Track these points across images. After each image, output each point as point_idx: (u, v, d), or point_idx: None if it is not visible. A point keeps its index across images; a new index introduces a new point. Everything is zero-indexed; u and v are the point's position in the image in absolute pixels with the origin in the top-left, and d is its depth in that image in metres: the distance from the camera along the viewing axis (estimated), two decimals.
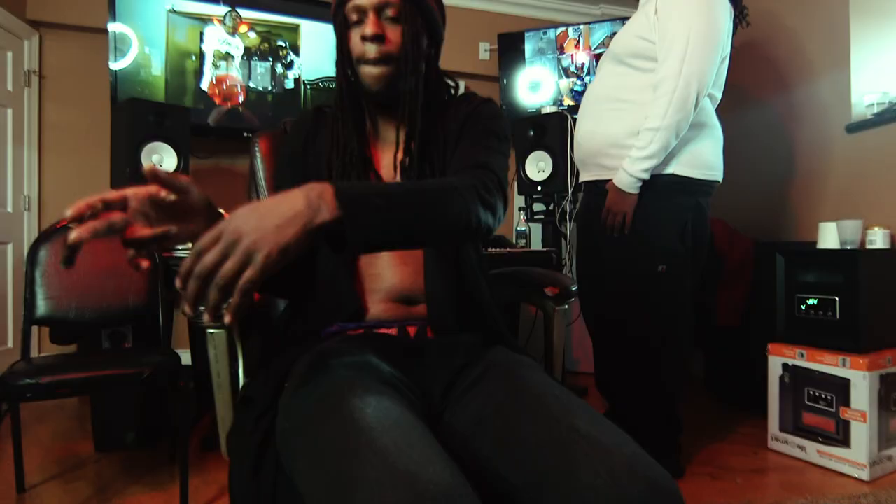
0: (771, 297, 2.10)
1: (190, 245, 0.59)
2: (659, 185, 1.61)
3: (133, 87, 2.80)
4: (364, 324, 0.83)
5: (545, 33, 3.34)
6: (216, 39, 2.98)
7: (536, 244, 3.16)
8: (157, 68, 2.88)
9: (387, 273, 0.85)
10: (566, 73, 3.29)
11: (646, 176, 1.58)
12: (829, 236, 2.02)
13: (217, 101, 2.98)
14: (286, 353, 0.80)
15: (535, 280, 1.14)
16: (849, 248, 1.94)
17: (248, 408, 0.74)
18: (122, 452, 1.96)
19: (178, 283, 0.53)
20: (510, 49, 3.40)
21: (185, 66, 2.93)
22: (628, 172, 1.59)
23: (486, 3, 3.60)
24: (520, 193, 2.85)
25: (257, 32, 3.07)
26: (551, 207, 2.78)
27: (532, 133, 2.71)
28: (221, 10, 2.96)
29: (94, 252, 1.79)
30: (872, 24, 2.22)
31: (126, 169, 2.26)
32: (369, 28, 0.82)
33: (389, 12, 0.84)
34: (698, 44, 1.51)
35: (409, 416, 0.58)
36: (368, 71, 0.84)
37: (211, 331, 0.94)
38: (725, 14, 1.60)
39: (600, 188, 1.72)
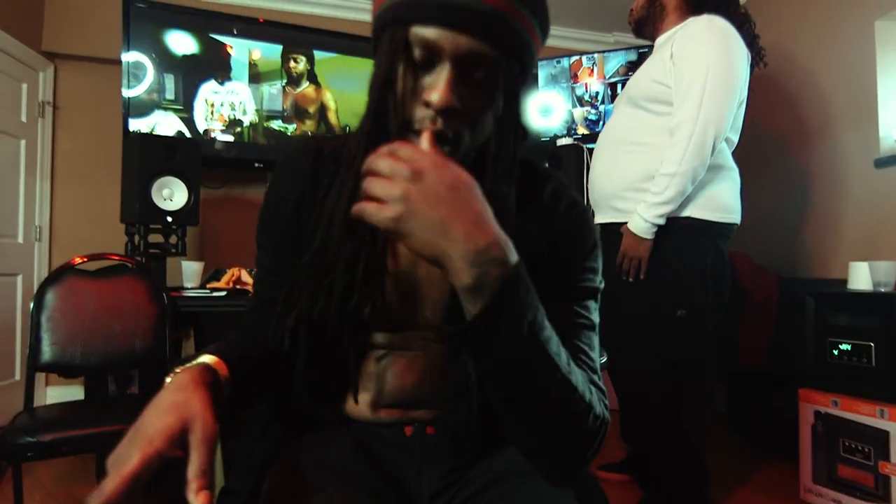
0: (799, 338, 2.01)
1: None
2: (676, 229, 1.57)
3: (145, 114, 2.81)
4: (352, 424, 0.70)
5: (559, 62, 3.31)
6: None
7: None
8: (171, 91, 2.89)
9: (388, 375, 0.67)
10: (580, 101, 3.26)
11: (661, 222, 1.55)
12: (861, 276, 1.94)
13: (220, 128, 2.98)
14: (266, 445, 0.70)
15: None
16: (882, 290, 1.85)
17: (229, 499, 0.67)
18: None
19: None
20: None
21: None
22: (644, 218, 1.56)
23: None
24: None
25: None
26: None
27: (547, 164, 2.66)
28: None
29: (99, 294, 1.75)
30: None
31: (136, 205, 2.23)
32: (439, 93, 0.54)
33: (476, 72, 0.56)
34: (716, 89, 1.49)
35: None
36: (427, 122, 0.56)
37: None
38: (742, 58, 1.58)
39: (615, 231, 1.68)
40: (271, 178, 0.76)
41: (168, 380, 0.52)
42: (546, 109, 3.35)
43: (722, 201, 1.62)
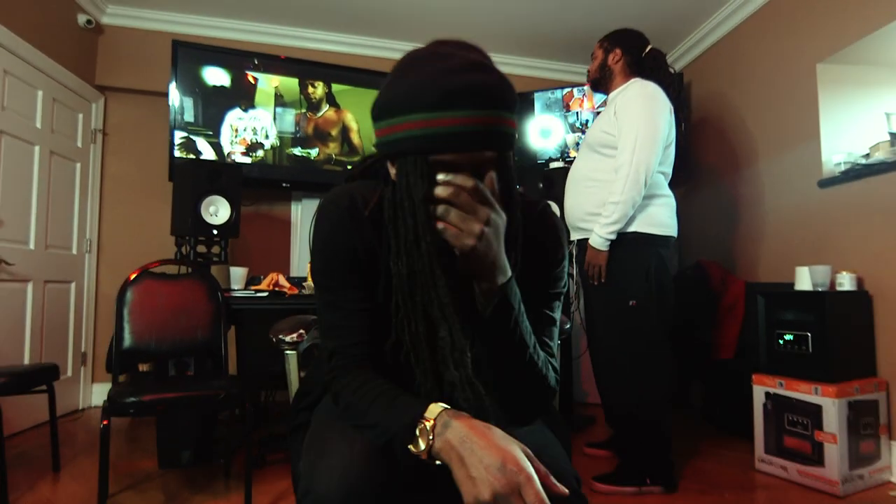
0: (755, 332, 2.36)
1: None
2: (625, 241, 2.00)
3: (190, 147, 3.20)
4: None
5: (553, 93, 3.71)
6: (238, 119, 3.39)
7: None
8: (202, 118, 3.28)
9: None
10: (572, 128, 3.65)
11: (613, 237, 1.98)
12: (804, 279, 2.29)
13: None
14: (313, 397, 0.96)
15: None
16: (820, 289, 2.21)
17: (297, 413, 0.98)
18: (180, 470, 2.24)
19: None
20: (521, 107, 3.77)
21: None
22: (599, 235, 2.00)
23: (500, 65, 3.97)
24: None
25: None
26: None
27: (542, 185, 3.04)
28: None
29: (169, 294, 2.12)
30: (838, 95, 2.55)
31: (188, 220, 2.60)
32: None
33: (481, 169, 0.72)
34: (644, 140, 1.94)
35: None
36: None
37: (287, 352, 1.27)
38: (665, 115, 2.02)
39: (583, 245, 2.11)
40: (323, 226, 0.85)
41: (460, 424, 0.68)
42: (545, 132, 3.74)
43: (659, 219, 2.04)
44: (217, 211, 2.70)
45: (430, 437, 0.68)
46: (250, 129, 3.40)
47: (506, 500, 0.62)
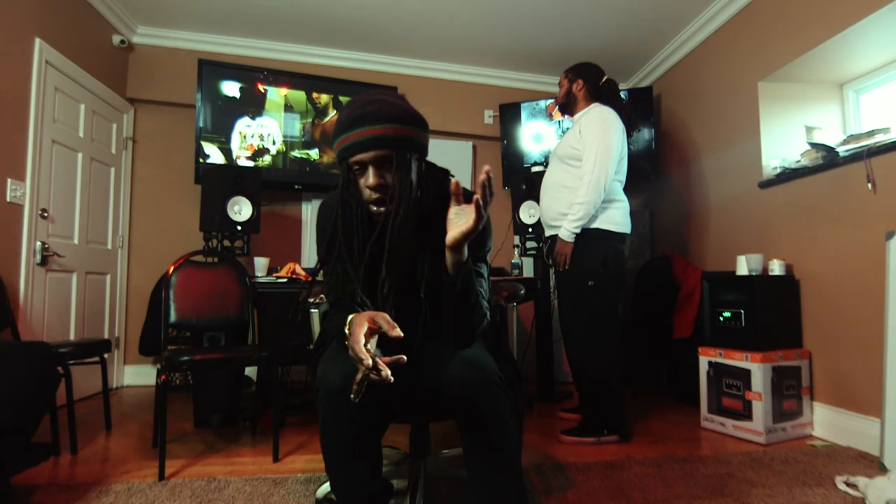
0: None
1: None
2: (588, 235, 2.43)
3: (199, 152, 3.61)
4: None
5: (537, 104, 4.12)
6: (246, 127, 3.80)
7: (529, 272, 3.87)
8: (215, 126, 3.69)
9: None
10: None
11: (578, 231, 2.41)
12: (743, 266, 2.70)
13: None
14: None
15: (495, 290, 1.84)
16: (752, 274, 2.61)
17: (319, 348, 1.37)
18: (212, 430, 2.64)
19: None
20: (509, 116, 4.19)
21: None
22: (567, 230, 2.42)
23: (491, 78, 4.41)
24: (515, 233, 3.57)
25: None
26: (540, 245, 3.49)
27: (524, 187, 3.44)
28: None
29: (206, 279, 2.52)
30: (776, 108, 2.96)
31: (216, 217, 3.01)
32: (371, 179, 1.13)
33: (386, 164, 1.13)
34: (602, 155, 2.38)
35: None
36: (374, 209, 1.16)
37: (312, 311, 1.68)
38: (618, 134, 2.45)
39: (556, 239, 2.52)
40: (321, 220, 1.31)
41: (350, 318, 1.06)
42: (538, 136, 4.14)
43: (615, 219, 2.46)
44: (241, 210, 3.11)
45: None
46: (257, 136, 3.80)
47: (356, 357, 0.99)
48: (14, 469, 1.53)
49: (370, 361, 0.95)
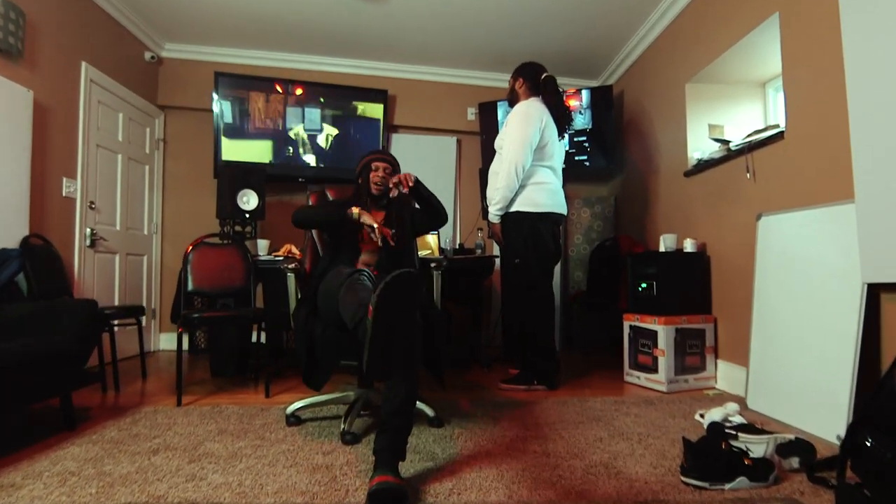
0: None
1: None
2: (509, 217, 2.91)
3: (232, 148, 4.24)
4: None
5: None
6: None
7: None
8: (245, 122, 4.33)
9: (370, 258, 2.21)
10: None
11: (501, 213, 2.90)
12: (663, 244, 3.15)
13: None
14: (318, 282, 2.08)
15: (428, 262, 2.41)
16: (666, 250, 3.07)
17: (302, 301, 2.01)
18: (225, 378, 3.29)
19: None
20: (487, 113, 4.67)
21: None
22: (491, 213, 2.93)
23: (473, 79, 4.90)
24: (484, 218, 4.09)
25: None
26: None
27: None
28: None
29: (217, 256, 3.15)
30: (701, 107, 3.37)
31: (228, 207, 3.64)
32: (380, 174, 2.31)
33: (388, 170, 2.30)
34: (514, 144, 2.81)
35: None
36: (373, 191, 2.30)
37: (289, 274, 2.27)
38: (533, 125, 2.83)
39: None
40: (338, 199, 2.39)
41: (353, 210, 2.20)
42: None
43: (534, 200, 2.87)
44: (249, 200, 3.73)
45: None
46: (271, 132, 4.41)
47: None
48: (75, 385, 2.18)
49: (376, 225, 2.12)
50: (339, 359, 1.95)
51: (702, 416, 2.30)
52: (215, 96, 4.27)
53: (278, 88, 4.43)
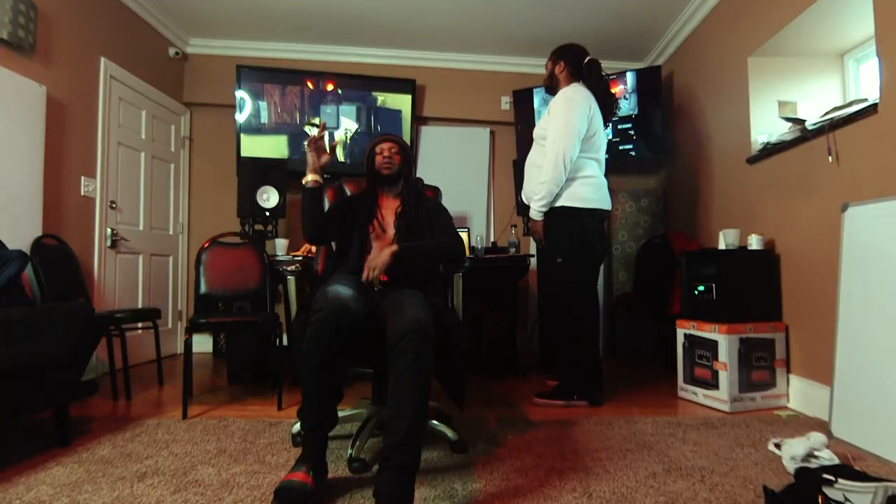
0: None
1: None
2: (554, 213, 2.58)
3: (251, 144, 4.08)
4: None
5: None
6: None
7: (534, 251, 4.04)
8: (264, 117, 4.17)
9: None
10: None
11: (544, 209, 2.57)
12: (722, 240, 2.75)
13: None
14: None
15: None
16: (728, 248, 2.67)
17: (303, 309, 1.77)
18: (242, 385, 3.11)
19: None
20: (522, 102, 4.35)
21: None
22: (534, 209, 2.60)
23: (505, 65, 4.58)
24: (519, 214, 3.77)
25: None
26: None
27: None
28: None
29: (232, 257, 2.97)
30: (766, 84, 2.94)
31: (248, 205, 3.46)
32: (385, 154, 2.10)
33: (395, 149, 2.10)
34: (561, 134, 2.49)
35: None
36: (383, 172, 2.09)
37: (289, 277, 2.03)
38: (580, 112, 2.52)
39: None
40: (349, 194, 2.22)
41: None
42: None
43: (581, 196, 2.55)
44: (269, 197, 3.55)
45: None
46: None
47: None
48: (66, 396, 2.01)
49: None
50: (345, 375, 1.69)
51: (777, 445, 1.92)
52: (237, 90, 4.11)
53: (309, 84, 4.24)
